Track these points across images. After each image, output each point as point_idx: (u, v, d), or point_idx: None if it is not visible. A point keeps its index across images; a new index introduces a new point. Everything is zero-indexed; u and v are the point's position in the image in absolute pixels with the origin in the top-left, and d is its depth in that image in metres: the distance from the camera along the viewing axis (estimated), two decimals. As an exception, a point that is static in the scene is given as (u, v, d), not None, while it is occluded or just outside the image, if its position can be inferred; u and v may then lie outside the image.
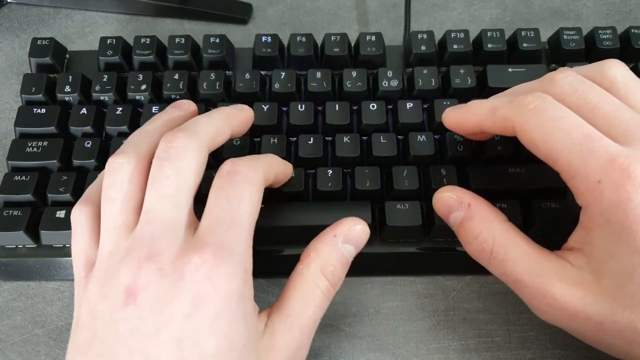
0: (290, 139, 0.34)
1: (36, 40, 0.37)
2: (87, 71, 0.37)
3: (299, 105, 0.34)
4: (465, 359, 0.30)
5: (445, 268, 0.33)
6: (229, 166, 0.25)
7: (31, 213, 0.32)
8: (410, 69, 0.36)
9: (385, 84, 0.35)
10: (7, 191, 0.32)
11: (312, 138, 0.33)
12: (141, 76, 0.36)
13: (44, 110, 0.35)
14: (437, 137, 0.34)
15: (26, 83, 0.36)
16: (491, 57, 0.36)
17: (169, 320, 0.22)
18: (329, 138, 0.34)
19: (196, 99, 0.35)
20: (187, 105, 0.30)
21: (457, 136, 0.32)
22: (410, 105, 0.34)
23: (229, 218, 0.24)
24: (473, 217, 0.26)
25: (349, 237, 0.27)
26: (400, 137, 0.34)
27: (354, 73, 0.35)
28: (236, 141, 0.33)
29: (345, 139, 0.33)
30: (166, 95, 0.35)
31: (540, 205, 0.30)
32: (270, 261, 0.32)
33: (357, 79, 0.35)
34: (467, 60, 0.36)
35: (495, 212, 0.26)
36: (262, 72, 0.36)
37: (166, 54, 0.37)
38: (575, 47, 0.36)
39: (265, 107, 0.34)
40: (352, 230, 0.27)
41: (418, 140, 0.33)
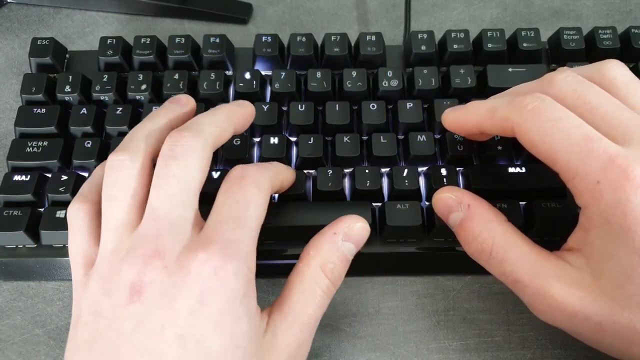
0: (290, 138, 0.34)
1: (36, 40, 0.37)
2: (87, 71, 0.37)
3: (299, 105, 0.34)
4: (465, 359, 0.31)
5: (445, 268, 0.33)
6: (238, 171, 0.25)
7: (31, 213, 0.32)
8: (410, 68, 0.36)
9: (385, 83, 0.35)
10: (7, 191, 0.32)
11: (312, 138, 0.33)
12: (141, 76, 0.36)
13: (44, 110, 0.35)
14: (437, 137, 0.34)
15: (26, 83, 0.36)
16: (491, 57, 0.36)
17: (175, 316, 0.22)
18: (329, 138, 0.34)
19: (196, 98, 0.34)
20: (186, 100, 0.30)
21: (457, 136, 0.32)
22: (410, 105, 0.34)
23: (236, 218, 0.24)
24: (473, 218, 0.26)
25: (349, 235, 0.27)
26: (400, 137, 0.34)
27: (354, 73, 0.35)
28: (236, 141, 0.33)
29: (345, 139, 0.33)
30: (166, 95, 0.35)
31: (540, 205, 0.30)
32: (271, 261, 0.32)
33: (357, 79, 0.35)
34: (467, 60, 0.36)
35: (495, 213, 0.26)
36: (262, 72, 0.36)
37: (166, 54, 0.37)
38: (576, 47, 0.36)
39: (265, 107, 0.34)
40: (352, 227, 0.27)
41: (418, 140, 0.33)
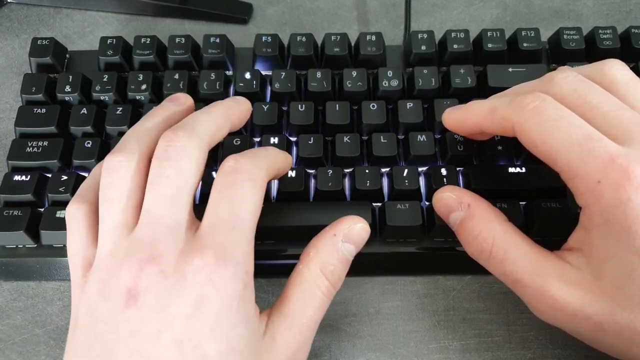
0: (291, 138, 0.34)
1: (36, 40, 0.37)
2: (87, 71, 0.37)
3: (299, 105, 0.34)
4: (465, 359, 0.30)
5: (445, 268, 0.33)
6: (231, 163, 0.25)
7: (31, 213, 0.32)
8: (411, 68, 0.36)
9: (385, 83, 0.35)
10: (7, 191, 0.32)
11: (312, 138, 0.33)
12: (141, 76, 0.36)
13: (44, 110, 0.35)
14: (437, 137, 0.34)
15: (26, 83, 0.36)
16: (491, 57, 0.36)
17: (171, 321, 0.21)
18: (329, 138, 0.34)
19: (196, 98, 0.35)
20: (184, 98, 0.29)
21: (457, 136, 0.32)
22: (410, 105, 0.34)
23: (230, 219, 0.23)
24: (473, 217, 0.26)
25: (349, 236, 0.26)
26: (401, 137, 0.34)
27: (354, 73, 0.35)
28: (236, 141, 0.33)
29: (346, 138, 0.33)
30: (166, 95, 0.35)
31: (540, 205, 0.30)
32: (271, 261, 0.32)
33: (357, 79, 0.35)
34: (467, 60, 0.36)
35: (495, 212, 0.26)
36: (262, 72, 0.36)
37: (166, 54, 0.37)
38: (576, 47, 0.36)
39: (265, 107, 0.34)
40: (352, 228, 0.26)
41: (418, 140, 0.33)
